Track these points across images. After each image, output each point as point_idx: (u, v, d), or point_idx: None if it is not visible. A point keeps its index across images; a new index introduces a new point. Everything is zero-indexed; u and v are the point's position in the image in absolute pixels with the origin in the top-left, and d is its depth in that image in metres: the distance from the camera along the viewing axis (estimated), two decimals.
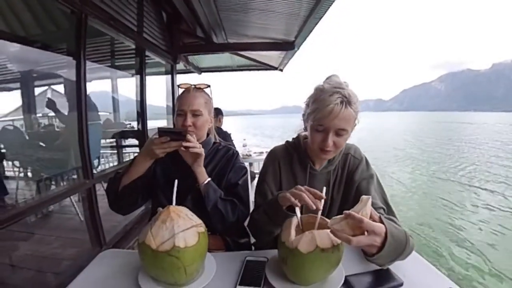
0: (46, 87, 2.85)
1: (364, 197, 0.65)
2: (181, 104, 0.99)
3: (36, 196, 1.93)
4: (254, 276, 0.72)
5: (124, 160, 3.40)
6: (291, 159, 1.00)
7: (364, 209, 0.62)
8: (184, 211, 0.71)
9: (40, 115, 2.92)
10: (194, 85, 1.03)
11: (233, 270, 0.77)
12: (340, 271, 0.70)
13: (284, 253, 0.67)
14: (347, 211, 0.63)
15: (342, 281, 0.68)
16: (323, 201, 0.70)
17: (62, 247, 2.05)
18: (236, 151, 1.13)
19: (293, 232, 0.68)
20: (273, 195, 0.97)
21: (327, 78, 0.87)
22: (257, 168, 4.45)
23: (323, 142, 0.84)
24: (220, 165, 1.07)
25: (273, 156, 1.02)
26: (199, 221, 0.72)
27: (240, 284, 0.69)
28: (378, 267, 0.72)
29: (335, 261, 0.65)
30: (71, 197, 2.39)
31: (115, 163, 3.66)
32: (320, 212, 0.69)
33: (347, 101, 0.80)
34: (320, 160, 0.96)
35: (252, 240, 1.08)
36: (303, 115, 0.91)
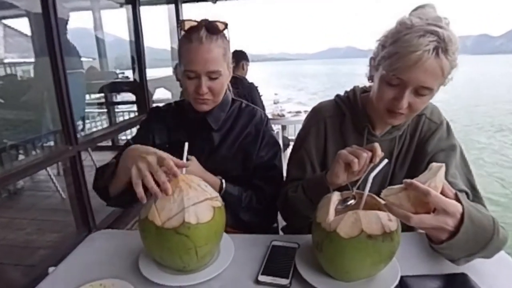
0: None
1: (434, 164, 0.66)
2: (191, 62, 0.99)
3: None
4: (281, 265, 0.80)
5: (118, 121, 3.58)
6: (342, 120, 1.03)
7: (433, 180, 0.63)
8: (196, 180, 0.79)
9: None
10: (205, 23, 0.99)
11: (255, 256, 0.86)
12: (393, 268, 0.75)
13: (319, 237, 0.73)
14: (408, 180, 0.64)
15: (397, 282, 0.71)
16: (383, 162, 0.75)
17: (38, 233, 2.29)
18: (265, 114, 1.19)
19: (332, 211, 0.73)
20: (313, 166, 1.04)
21: (416, 9, 0.84)
22: (292, 133, 4.50)
23: (395, 102, 0.84)
24: (246, 134, 1.13)
25: (318, 115, 1.06)
26: (215, 193, 0.80)
27: (263, 274, 0.78)
28: (449, 271, 0.75)
29: (387, 253, 0.69)
30: (49, 170, 2.65)
31: (105, 125, 3.88)
32: (368, 187, 0.72)
33: (443, 47, 0.76)
34: (383, 124, 0.98)
35: (282, 223, 1.18)
36: (372, 58, 0.91)
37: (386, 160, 0.75)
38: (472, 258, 0.73)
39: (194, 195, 0.74)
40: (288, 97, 13.53)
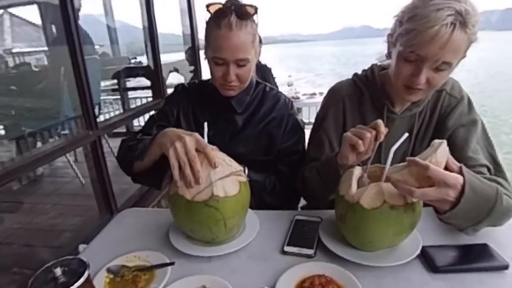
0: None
1: (436, 141, 0.70)
2: (219, 49, 0.98)
3: (17, 157, 2.18)
4: (305, 237, 0.86)
5: (131, 107, 3.65)
6: (360, 98, 1.05)
7: (434, 156, 0.67)
8: (221, 155, 0.84)
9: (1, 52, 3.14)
10: (234, 7, 0.97)
11: (280, 229, 0.92)
12: (415, 238, 0.79)
13: (342, 209, 0.77)
14: (410, 158, 0.68)
15: (418, 251, 0.75)
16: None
17: (62, 217, 2.41)
18: (289, 99, 1.21)
19: (354, 183, 0.77)
20: (332, 147, 1.06)
21: None
22: (306, 116, 4.51)
23: (413, 78, 0.85)
24: (271, 119, 1.15)
25: (336, 95, 1.08)
26: (239, 167, 0.85)
27: (288, 245, 0.83)
28: (471, 242, 0.79)
29: (408, 223, 0.74)
30: (68, 156, 2.76)
31: (118, 112, 3.95)
32: (389, 160, 0.76)
33: (461, 21, 0.76)
34: (402, 101, 1.00)
35: (301, 202, 1.22)
36: (390, 35, 0.92)
37: (406, 134, 0.77)
38: (480, 227, 0.77)
39: (220, 170, 0.79)
40: (302, 79, 13.41)
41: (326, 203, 1.00)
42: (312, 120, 1.32)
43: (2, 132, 2.97)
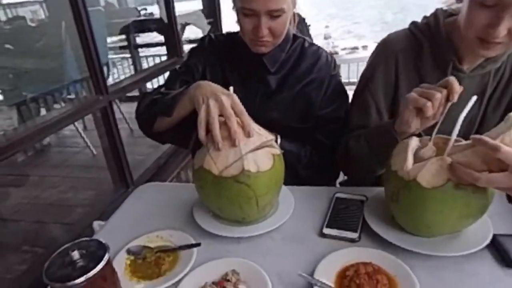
0: None
1: (511, 114, 0.66)
2: None
3: (20, 126, 2.22)
4: (348, 218, 0.86)
5: (143, 67, 3.67)
6: (418, 53, 1.01)
7: (508, 134, 0.64)
8: (250, 123, 0.84)
9: None
10: None
11: (318, 208, 0.93)
12: (484, 224, 0.77)
13: (395, 187, 0.76)
14: (476, 136, 0.65)
15: (488, 241, 0.73)
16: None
17: (73, 190, 2.53)
18: (331, 56, 1.19)
19: (410, 157, 0.75)
20: (380, 112, 1.04)
21: None
22: (345, 75, 4.39)
23: (490, 28, 0.78)
24: (310, 81, 1.14)
25: (387, 49, 1.04)
26: (270, 136, 0.85)
27: (328, 226, 0.84)
28: None
29: (477, 206, 0.71)
30: (76, 124, 2.85)
31: (129, 74, 3.96)
32: (457, 128, 0.73)
33: None
34: (474, 56, 0.94)
35: (340, 177, 1.22)
36: None
37: (475, 97, 0.74)
38: None
39: (250, 141, 0.80)
40: (342, 30, 12.92)
41: (371, 179, 1.00)
42: (352, 80, 1.28)
43: (0, 97, 3.09)
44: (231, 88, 0.87)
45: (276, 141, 1.05)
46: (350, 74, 4.87)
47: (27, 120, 2.56)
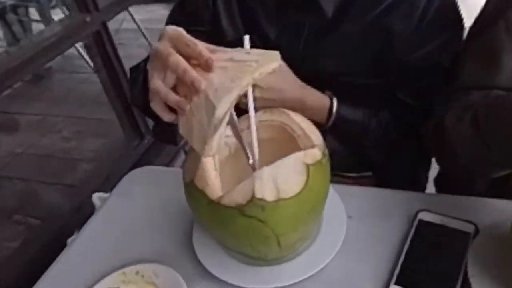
0: None
1: None
2: None
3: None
4: (437, 267, 0.67)
5: None
6: None
7: None
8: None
9: None
10: None
11: (385, 237, 0.74)
12: None
13: None
14: None
15: None
16: None
17: (77, 137, 2.44)
18: None
19: None
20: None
21: None
22: None
23: None
24: (390, 3, 0.90)
25: None
26: (310, 127, 0.70)
27: (399, 283, 0.65)
28: None
29: None
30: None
31: None
32: None
33: None
34: None
35: (433, 170, 1.06)
36: None
37: None
38: None
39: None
40: None
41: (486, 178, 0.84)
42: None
43: None
44: (246, 37, 0.70)
45: (332, 106, 0.89)
46: None
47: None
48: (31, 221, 1.82)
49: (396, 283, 0.64)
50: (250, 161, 0.68)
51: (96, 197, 1.39)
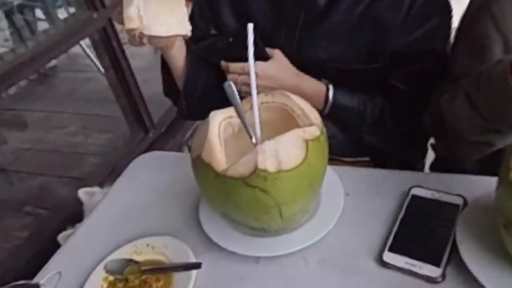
0: None
1: None
2: None
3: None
4: (427, 237, 0.69)
5: None
6: None
7: None
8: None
9: None
10: None
11: (380, 213, 0.76)
12: None
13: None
14: None
15: None
16: None
17: (83, 132, 2.47)
18: None
19: None
20: (509, 50, 0.83)
21: None
22: None
23: None
24: None
25: None
26: (303, 102, 0.73)
27: (391, 250, 0.67)
28: None
29: None
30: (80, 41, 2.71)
31: None
32: None
33: None
34: None
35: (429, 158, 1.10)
36: None
37: None
38: None
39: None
40: None
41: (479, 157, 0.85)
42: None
43: None
44: (250, 25, 0.71)
45: (328, 93, 0.93)
46: None
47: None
48: (40, 212, 1.86)
49: (389, 250, 0.67)
50: (253, 141, 0.71)
51: (82, 192, 1.40)
